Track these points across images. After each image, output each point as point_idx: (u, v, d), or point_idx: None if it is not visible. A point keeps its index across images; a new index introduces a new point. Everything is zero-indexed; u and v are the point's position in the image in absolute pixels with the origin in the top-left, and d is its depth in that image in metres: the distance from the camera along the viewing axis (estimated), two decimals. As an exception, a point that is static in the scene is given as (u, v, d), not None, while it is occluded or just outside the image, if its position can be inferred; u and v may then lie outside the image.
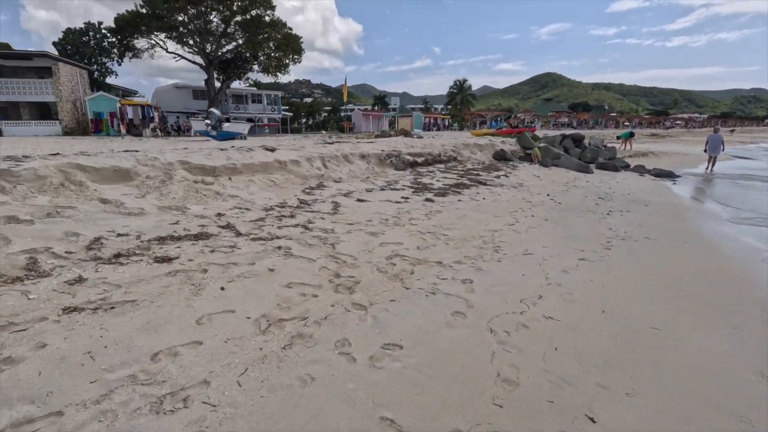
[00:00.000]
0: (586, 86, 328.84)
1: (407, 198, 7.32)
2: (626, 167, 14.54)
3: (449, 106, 76.86)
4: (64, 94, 25.68)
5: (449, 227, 5.54)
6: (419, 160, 11.45)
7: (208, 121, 19.51)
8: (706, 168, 15.15)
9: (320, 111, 73.27)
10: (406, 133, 20.34)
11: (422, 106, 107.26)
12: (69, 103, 26.49)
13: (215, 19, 38.16)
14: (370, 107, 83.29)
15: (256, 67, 46.41)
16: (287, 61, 46.80)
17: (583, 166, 12.96)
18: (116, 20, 34.09)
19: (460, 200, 7.46)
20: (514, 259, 4.46)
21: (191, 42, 37.76)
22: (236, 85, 46.57)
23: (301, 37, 45.35)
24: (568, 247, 5.01)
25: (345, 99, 25.81)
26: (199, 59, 39.94)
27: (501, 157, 14.95)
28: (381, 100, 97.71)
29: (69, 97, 26.56)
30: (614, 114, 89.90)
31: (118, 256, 3.65)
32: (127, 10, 34.63)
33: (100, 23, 43.30)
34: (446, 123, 59.54)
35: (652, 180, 12.27)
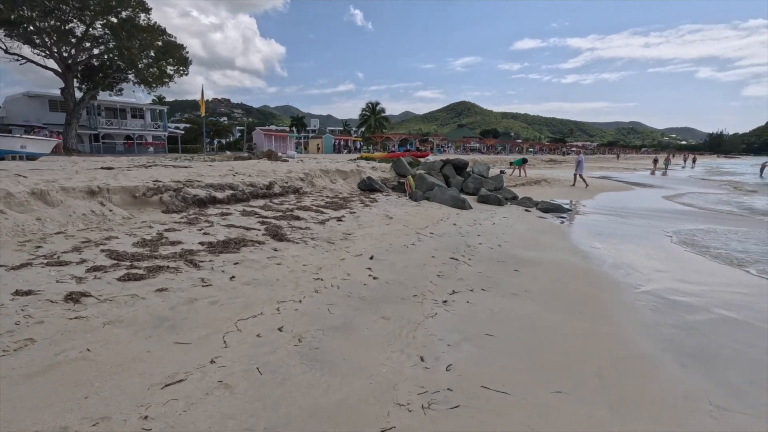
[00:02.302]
0: (497, 115, 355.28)
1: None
2: (513, 199, 12.27)
3: (362, 129, 75.34)
4: None
5: None
6: (220, 195, 7.75)
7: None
8: (573, 183, 18.54)
9: (230, 130, 67.24)
10: (272, 156, 16.72)
11: (341, 128, 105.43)
12: None
13: (74, 19, 31.70)
14: (275, 128, 79.07)
15: (131, 77, 40.02)
16: (170, 72, 41.08)
17: (458, 201, 10.25)
18: None
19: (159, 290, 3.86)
20: None
21: (41, 42, 30.76)
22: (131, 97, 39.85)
23: (184, 46, 40.02)
24: None
25: (203, 113, 21.46)
26: (52, 64, 32.79)
27: (367, 186, 11.86)
28: (299, 121, 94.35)
29: None
30: (519, 141, 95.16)
31: None
32: (-62, -2, 27.24)
33: None
34: (357, 145, 57.36)
35: (538, 217, 9.87)
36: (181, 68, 40.53)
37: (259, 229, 6.11)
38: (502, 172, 23.09)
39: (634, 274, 5.59)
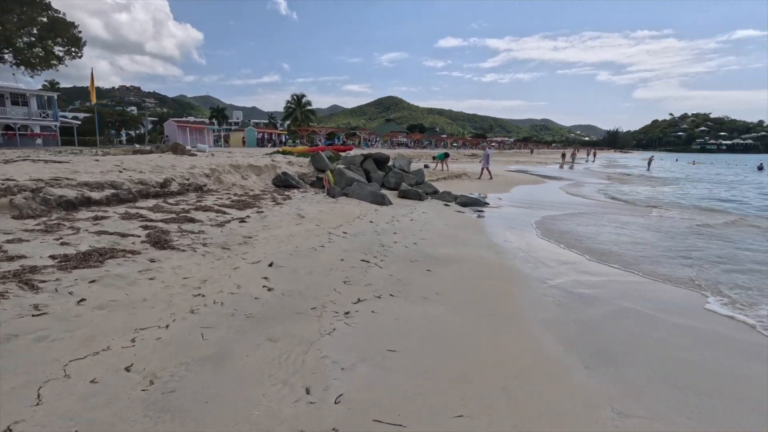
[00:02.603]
0: (423, 110, 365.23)
1: None
2: (434, 193, 12.28)
3: (287, 122, 72.76)
4: None
5: None
6: (97, 195, 6.57)
7: None
8: (479, 176, 19.19)
9: (139, 121, 60.75)
10: (177, 149, 15.08)
11: (266, 121, 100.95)
12: None
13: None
14: (192, 119, 73.40)
15: (8, 57, 34.46)
16: (59, 53, 35.99)
17: (378, 197, 9.93)
18: None
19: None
20: None
21: None
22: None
23: (76, 24, 35.25)
24: None
25: (93, 100, 18.89)
26: None
27: (283, 183, 11.08)
28: (220, 112, 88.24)
29: None
30: (444, 136, 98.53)
31: None
32: None
33: None
34: (283, 139, 55.13)
35: (457, 212, 9.89)
36: (72, 49, 35.63)
37: (139, 236, 5.19)
38: (426, 166, 23.41)
39: (542, 267, 5.64)
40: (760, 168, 39.98)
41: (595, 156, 64.47)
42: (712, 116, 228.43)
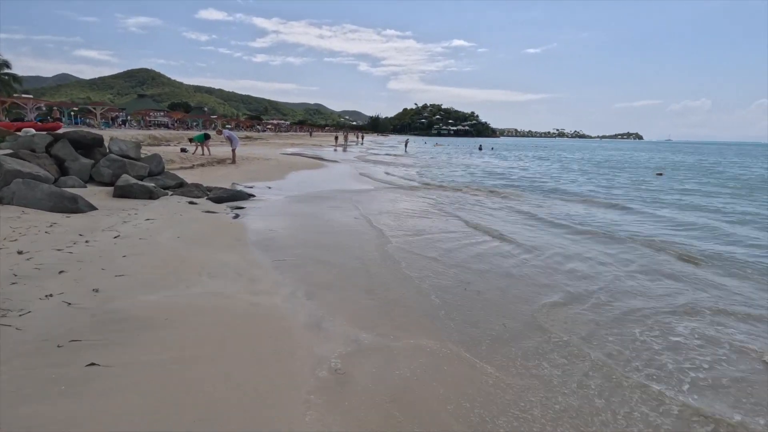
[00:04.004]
0: (189, 88, 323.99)
1: None
2: (179, 186, 9.00)
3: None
4: None
5: None
6: None
7: None
8: (232, 161, 16.73)
9: None
10: None
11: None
12: None
13: None
14: None
15: None
16: None
17: (64, 200, 6.12)
18: None
19: None
20: None
21: None
22: None
23: None
24: None
25: None
26: None
27: None
28: None
29: None
30: (214, 116, 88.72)
31: None
32: None
33: None
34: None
35: (205, 213, 7.11)
36: None
37: None
38: (183, 150, 18.98)
39: (316, 314, 3.73)
40: (480, 148, 52.23)
41: (362, 138, 69.98)
42: (443, 107, 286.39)
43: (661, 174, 22.52)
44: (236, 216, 6.98)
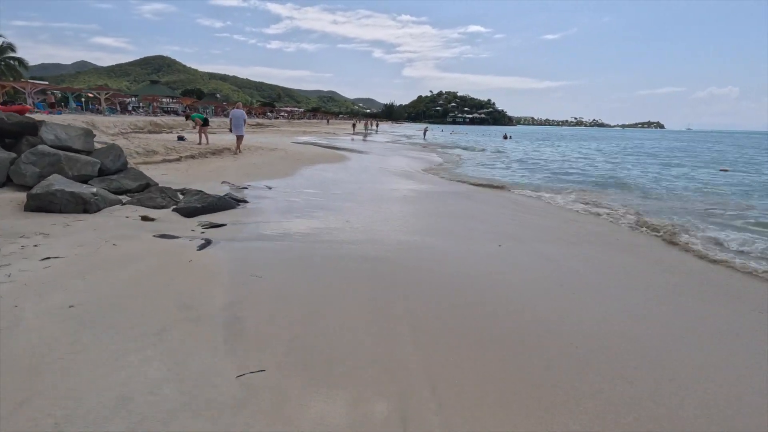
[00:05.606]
0: (203, 75, 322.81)
1: None
2: (142, 189, 6.42)
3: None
4: None
5: None
6: None
7: None
8: (236, 151, 13.97)
9: None
10: None
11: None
12: None
13: None
14: None
15: None
16: None
17: None
18: None
19: None
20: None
21: None
22: None
23: None
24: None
25: None
26: None
27: None
28: None
29: None
30: (225, 103, 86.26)
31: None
32: None
33: None
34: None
35: (156, 237, 4.48)
36: None
37: None
38: (180, 138, 16.46)
39: None
40: (506, 137, 48.80)
41: (377, 126, 66.78)
42: (459, 94, 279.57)
43: (726, 170, 19.23)
44: (204, 245, 4.31)
